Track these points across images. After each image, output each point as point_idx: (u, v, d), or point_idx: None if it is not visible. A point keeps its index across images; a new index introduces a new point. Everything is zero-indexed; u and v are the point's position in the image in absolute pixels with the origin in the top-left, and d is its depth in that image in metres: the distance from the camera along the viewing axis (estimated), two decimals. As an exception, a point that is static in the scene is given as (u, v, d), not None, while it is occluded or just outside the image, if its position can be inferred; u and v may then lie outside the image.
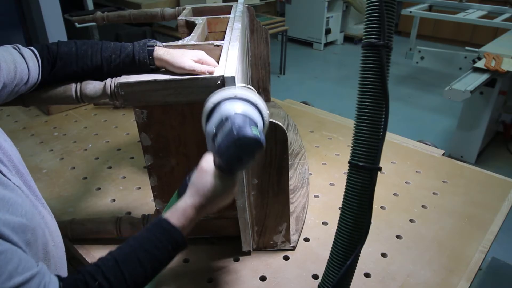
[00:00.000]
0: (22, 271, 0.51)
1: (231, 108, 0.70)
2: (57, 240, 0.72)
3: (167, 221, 0.69)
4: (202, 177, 0.72)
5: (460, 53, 3.24)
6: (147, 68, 0.88)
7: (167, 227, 0.68)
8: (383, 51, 0.61)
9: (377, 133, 0.64)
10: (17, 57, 0.78)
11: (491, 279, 1.57)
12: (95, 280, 0.60)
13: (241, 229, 1.02)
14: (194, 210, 0.71)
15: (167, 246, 0.67)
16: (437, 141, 2.54)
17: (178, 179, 0.98)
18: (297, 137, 1.58)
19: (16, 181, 0.63)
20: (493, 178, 1.38)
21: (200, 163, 0.74)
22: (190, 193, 0.72)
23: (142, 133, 0.91)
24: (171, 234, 0.68)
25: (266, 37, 1.60)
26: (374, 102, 0.63)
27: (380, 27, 0.60)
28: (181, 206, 0.71)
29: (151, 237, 0.67)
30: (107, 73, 0.88)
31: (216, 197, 0.72)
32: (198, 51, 0.89)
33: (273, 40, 5.90)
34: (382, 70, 0.61)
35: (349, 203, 0.69)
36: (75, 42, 0.87)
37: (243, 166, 0.72)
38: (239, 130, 0.67)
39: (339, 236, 0.71)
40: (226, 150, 0.68)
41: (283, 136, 0.92)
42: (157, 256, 0.66)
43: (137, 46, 0.88)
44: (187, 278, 1.01)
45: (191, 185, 0.73)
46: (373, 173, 0.66)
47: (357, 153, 0.66)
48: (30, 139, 1.64)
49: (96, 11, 1.92)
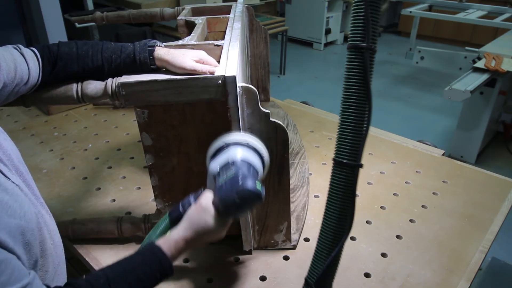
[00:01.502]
0: (14, 282, 0.52)
1: (240, 154, 0.75)
2: (56, 238, 0.73)
3: (160, 249, 0.72)
4: (199, 214, 0.75)
5: (460, 53, 3.24)
6: (147, 68, 0.88)
7: (159, 255, 0.71)
8: (367, 53, 0.64)
9: (360, 132, 0.67)
10: (18, 56, 0.78)
11: (491, 279, 1.57)
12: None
13: (242, 228, 1.02)
14: (185, 243, 0.74)
15: (156, 273, 0.70)
16: (437, 141, 2.54)
17: (179, 178, 0.98)
18: (297, 137, 1.58)
19: (15, 180, 0.63)
20: (493, 178, 1.38)
21: (200, 199, 0.77)
22: (185, 226, 0.75)
23: (143, 133, 0.91)
24: (162, 262, 0.71)
25: (265, 37, 1.60)
26: (357, 102, 0.66)
27: (364, 30, 0.63)
28: (174, 237, 0.74)
29: (143, 262, 0.70)
30: (107, 73, 0.88)
31: (208, 234, 0.76)
32: (198, 51, 0.89)
33: (273, 40, 5.90)
34: (365, 72, 0.64)
35: (334, 199, 0.72)
36: (75, 42, 0.87)
37: (240, 214, 0.77)
38: (243, 182, 0.71)
39: (324, 230, 0.74)
40: (227, 196, 0.72)
41: (284, 136, 0.92)
42: (145, 282, 0.69)
43: (138, 46, 0.88)
44: (187, 278, 1.01)
45: (187, 218, 0.76)
46: (355, 169, 0.69)
47: (341, 151, 0.69)
48: (30, 139, 1.64)
49: (96, 11, 1.92)
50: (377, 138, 1.61)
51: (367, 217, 1.20)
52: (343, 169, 0.69)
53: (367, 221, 1.19)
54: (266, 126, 0.91)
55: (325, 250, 0.74)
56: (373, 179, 1.37)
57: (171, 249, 0.72)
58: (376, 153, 1.51)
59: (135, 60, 0.87)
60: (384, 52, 5.62)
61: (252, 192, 0.71)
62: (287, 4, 5.86)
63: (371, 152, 1.52)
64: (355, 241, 1.12)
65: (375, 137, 1.62)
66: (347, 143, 0.68)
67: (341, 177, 0.70)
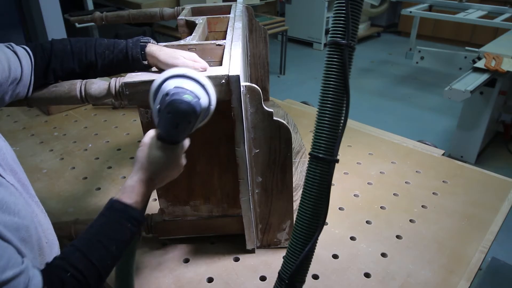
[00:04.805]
0: (12, 266, 0.53)
1: (173, 84, 0.72)
2: (50, 238, 0.73)
3: (119, 202, 0.70)
4: (143, 150, 0.73)
5: (460, 53, 3.24)
6: (140, 64, 0.88)
7: (120, 207, 0.69)
8: (346, 50, 0.65)
9: (337, 127, 0.68)
10: (11, 55, 0.78)
11: (491, 279, 1.57)
12: (67, 271, 0.61)
13: (245, 227, 1.02)
14: (143, 184, 0.71)
15: (126, 224, 0.68)
16: (437, 141, 2.54)
17: (181, 178, 0.98)
18: (297, 136, 1.58)
19: (10, 180, 0.64)
20: (493, 178, 1.38)
21: (143, 139, 0.74)
22: (135, 169, 0.73)
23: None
24: (127, 212, 0.69)
25: (265, 37, 1.60)
26: (335, 98, 0.67)
27: (345, 27, 0.65)
28: (128, 184, 0.71)
29: (107, 221, 0.68)
30: (101, 70, 0.88)
31: (161, 168, 0.73)
32: (190, 53, 0.89)
33: (273, 40, 5.91)
34: (344, 68, 0.65)
35: (308, 193, 0.72)
36: (69, 39, 0.87)
37: (180, 132, 0.73)
38: (171, 97, 0.70)
39: (298, 224, 0.74)
40: (161, 118, 0.71)
41: (287, 134, 0.92)
42: (118, 237, 0.68)
43: (130, 43, 0.88)
44: (187, 278, 1.01)
45: (136, 161, 0.73)
46: (331, 164, 0.70)
47: (317, 146, 0.70)
48: (30, 139, 1.64)
49: (96, 11, 1.92)
50: (377, 138, 1.61)
51: (367, 217, 1.20)
52: (319, 164, 0.70)
53: (367, 221, 1.19)
54: (270, 125, 0.91)
55: (299, 245, 0.74)
56: (373, 179, 1.37)
57: (131, 196, 0.70)
58: (376, 153, 1.51)
59: (127, 56, 0.87)
60: (384, 52, 5.62)
61: (179, 102, 0.69)
62: (287, 4, 5.86)
63: (371, 152, 1.52)
64: (355, 241, 1.12)
65: (375, 137, 1.62)
66: (323, 137, 0.69)
67: (316, 171, 0.70)
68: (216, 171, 0.99)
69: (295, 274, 0.75)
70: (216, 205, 1.04)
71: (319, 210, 0.72)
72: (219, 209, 1.05)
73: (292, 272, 0.75)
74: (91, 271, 0.63)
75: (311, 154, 0.71)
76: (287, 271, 0.76)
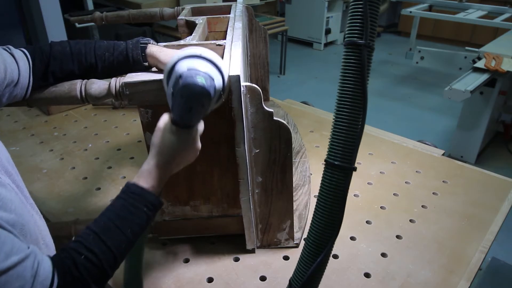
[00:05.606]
0: (17, 252, 0.54)
1: (186, 65, 0.69)
2: (47, 239, 0.73)
3: (136, 185, 0.69)
4: (158, 135, 0.72)
5: (460, 53, 3.24)
6: (140, 65, 0.88)
7: (137, 191, 0.69)
8: (365, 51, 0.61)
9: (355, 133, 0.64)
10: (7, 57, 0.78)
11: (491, 279, 1.57)
12: (81, 254, 0.61)
13: (245, 227, 1.02)
14: (159, 169, 0.71)
15: (142, 208, 0.68)
16: (437, 141, 2.54)
17: (182, 178, 0.98)
18: (297, 136, 1.58)
19: (4, 180, 0.63)
20: (493, 178, 1.38)
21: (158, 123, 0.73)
22: (151, 154, 0.72)
23: (146, 132, 0.91)
24: (143, 196, 0.68)
25: (264, 37, 1.60)
26: (353, 102, 0.63)
27: (363, 27, 0.60)
28: (145, 169, 0.71)
29: (124, 204, 0.68)
30: (101, 72, 0.88)
31: (177, 153, 0.71)
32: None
33: (273, 40, 5.91)
34: (362, 70, 0.61)
35: (323, 202, 0.69)
36: (68, 42, 0.87)
37: (194, 116, 0.71)
38: (184, 80, 0.67)
39: (312, 233, 0.71)
40: (175, 102, 0.69)
41: (287, 134, 0.92)
42: (134, 220, 0.67)
43: (130, 44, 0.88)
44: (187, 278, 1.01)
45: (151, 146, 0.72)
46: (348, 172, 0.66)
47: (333, 152, 0.66)
48: (30, 139, 1.64)
49: (96, 11, 1.92)
50: (377, 138, 1.61)
51: (367, 217, 1.20)
52: (335, 172, 0.66)
53: (367, 221, 1.19)
54: (270, 125, 0.91)
55: (312, 253, 0.71)
56: (373, 179, 1.37)
57: (148, 180, 0.69)
58: (376, 153, 1.51)
59: (128, 57, 0.87)
60: (384, 52, 5.63)
61: (193, 85, 0.66)
62: (287, 4, 5.87)
63: (371, 152, 1.52)
64: (355, 241, 1.12)
65: (375, 137, 1.62)
66: (340, 144, 0.65)
67: (332, 180, 0.67)
68: (216, 171, 0.99)
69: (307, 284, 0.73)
70: (216, 205, 1.04)
71: (333, 219, 0.68)
72: (219, 209, 1.05)
73: (303, 282, 0.72)
74: (107, 254, 0.63)
75: (326, 161, 0.67)
76: (299, 280, 0.74)
